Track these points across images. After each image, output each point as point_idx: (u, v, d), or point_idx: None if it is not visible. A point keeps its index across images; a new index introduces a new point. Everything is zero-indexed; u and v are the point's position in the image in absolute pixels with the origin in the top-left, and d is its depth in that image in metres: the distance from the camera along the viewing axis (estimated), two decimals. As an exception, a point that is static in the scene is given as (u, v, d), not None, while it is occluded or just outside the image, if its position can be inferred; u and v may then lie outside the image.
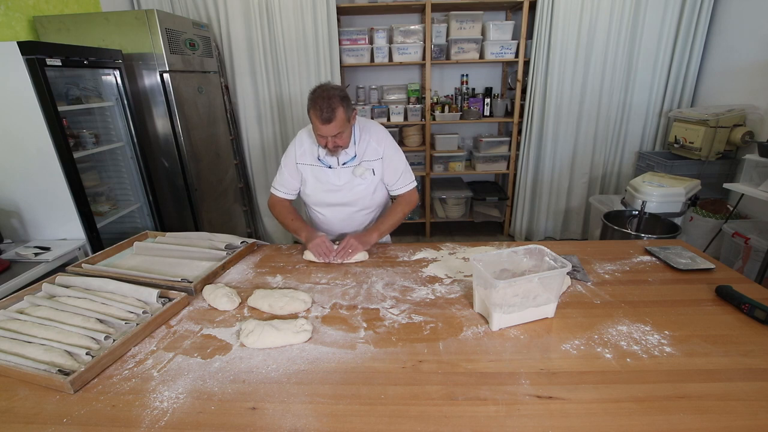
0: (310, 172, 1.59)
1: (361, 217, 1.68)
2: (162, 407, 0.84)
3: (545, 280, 1.04)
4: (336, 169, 1.56)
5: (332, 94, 1.34)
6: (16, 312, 1.13)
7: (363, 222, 1.71)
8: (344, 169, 1.56)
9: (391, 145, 1.60)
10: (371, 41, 3.28)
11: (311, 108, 1.37)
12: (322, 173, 1.58)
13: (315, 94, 1.36)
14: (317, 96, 1.35)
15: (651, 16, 3.04)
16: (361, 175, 1.56)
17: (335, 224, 1.69)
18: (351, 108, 1.42)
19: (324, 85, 1.39)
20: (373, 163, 1.57)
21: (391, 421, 0.80)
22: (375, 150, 1.57)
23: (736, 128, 2.63)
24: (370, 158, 1.57)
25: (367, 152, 1.56)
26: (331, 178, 1.57)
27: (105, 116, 2.34)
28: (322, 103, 1.33)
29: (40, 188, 1.92)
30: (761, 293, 1.17)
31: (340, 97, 1.36)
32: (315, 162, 1.57)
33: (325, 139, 1.41)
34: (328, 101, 1.33)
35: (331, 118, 1.34)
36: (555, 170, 3.47)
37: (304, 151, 1.59)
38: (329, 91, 1.35)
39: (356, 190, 1.59)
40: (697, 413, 0.79)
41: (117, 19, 2.28)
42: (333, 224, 1.69)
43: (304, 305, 1.18)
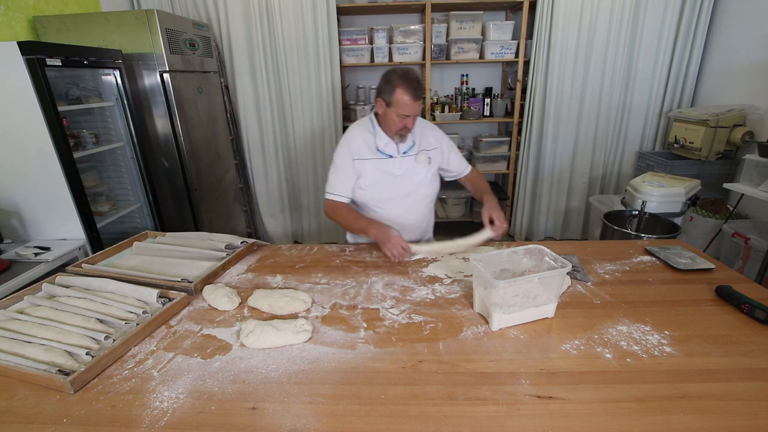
0: (369, 165, 1.56)
1: (420, 208, 1.68)
2: (162, 407, 0.84)
3: (545, 280, 1.04)
4: (396, 158, 1.57)
5: (417, 74, 1.40)
6: (16, 312, 1.13)
7: (421, 214, 1.70)
8: (405, 157, 1.58)
9: (444, 135, 1.67)
10: (371, 41, 3.28)
11: (400, 85, 1.38)
12: (382, 164, 1.56)
13: (401, 74, 1.39)
14: (403, 75, 1.38)
15: (651, 16, 3.04)
16: (423, 162, 1.59)
17: (394, 218, 1.63)
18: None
19: (403, 67, 1.43)
20: (431, 152, 1.61)
21: (391, 421, 0.80)
22: (429, 140, 1.62)
23: (736, 128, 2.63)
24: (428, 147, 1.61)
25: (423, 141, 1.60)
26: (391, 168, 1.57)
27: (105, 116, 2.34)
28: (412, 81, 1.37)
29: (40, 188, 1.92)
30: (761, 293, 1.17)
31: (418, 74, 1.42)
32: (374, 154, 1.56)
33: (408, 119, 1.44)
34: (417, 80, 1.38)
35: (421, 95, 1.40)
36: (555, 170, 3.47)
37: (359, 146, 1.57)
38: (414, 71, 1.40)
39: (417, 178, 1.60)
40: (697, 413, 0.79)
41: (117, 19, 2.28)
42: (391, 219, 1.62)
43: (304, 305, 1.18)
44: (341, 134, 3.37)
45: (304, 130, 3.39)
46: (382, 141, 1.55)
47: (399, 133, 1.51)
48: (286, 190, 3.61)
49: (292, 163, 3.52)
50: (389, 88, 1.41)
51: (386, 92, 1.43)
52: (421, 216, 1.72)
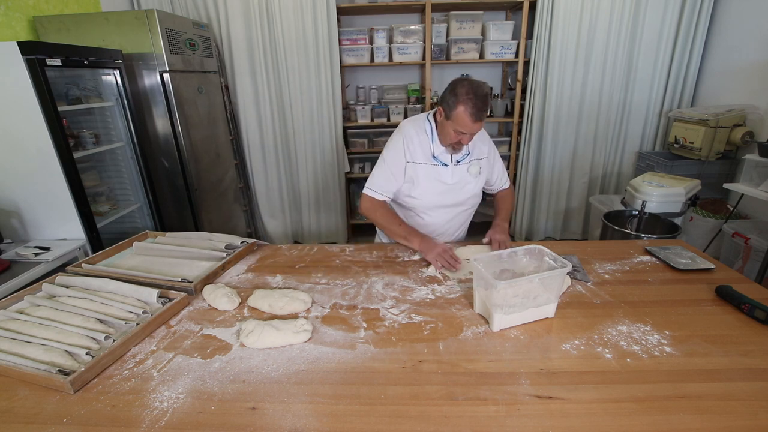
0: (422, 171, 1.50)
1: (464, 217, 1.67)
2: (162, 407, 0.84)
3: (545, 280, 1.04)
4: (449, 167, 1.50)
5: (486, 91, 1.29)
6: (16, 312, 1.13)
7: (463, 222, 1.69)
8: (458, 166, 1.52)
9: (493, 144, 1.61)
10: (371, 41, 3.28)
11: (464, 102, 1.28)
12: (435, 172, 1.50)
13: (466, 89, 1.28)
14: (470, 91, 1.28)
15: (651, 16, 3.04)
16: (476, 173, 1.53)
17: (439, 226, 1.62)
18: None
19: (474, 81, 1.31)
20: (482, 162, 1.56)
21: (391, 421, 0.79)
22: (480, 149, 1.56)
23: (736, 128, 2.63)
24: (479, 156, 1.55)
25: (476, 151, 1.55)
26: (444, 177, 1.51)
27: (105, 116, 2.34)
28: (478, 102, 1.27)
29: (40, 188, 1.92)
30: (761, 293, 1.17)
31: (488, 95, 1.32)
32: (429, 160, 1.49)
33: (464, 136, 1.36)
34: (484, 99, 1.28)
35: (483, 117, 1.29)
36: (555, 170, 3.47)
37: (415, 148, 1.49)
38: (483, 88, 1.29)
39: (467, 188, 1.55)
40: (697, 413, 0.79)
41: (117, 19, 2.28)
42: (436, 227, 1.62)
43: (304, 305, 1.18)
44: (341, 134, 3.39)
45: (304, 130, 3.39)
46: (438, 148, 1.48)
47: (453, 146, 1.44)
48: (286, 190, 3.61)
49: (292, 163, 3.52)
50: (453, 101, 1.31)
51: (448, 104, 1.33)
52: (463, 224, 1.71)
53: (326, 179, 3.52)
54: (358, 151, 3.57)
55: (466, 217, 1.70)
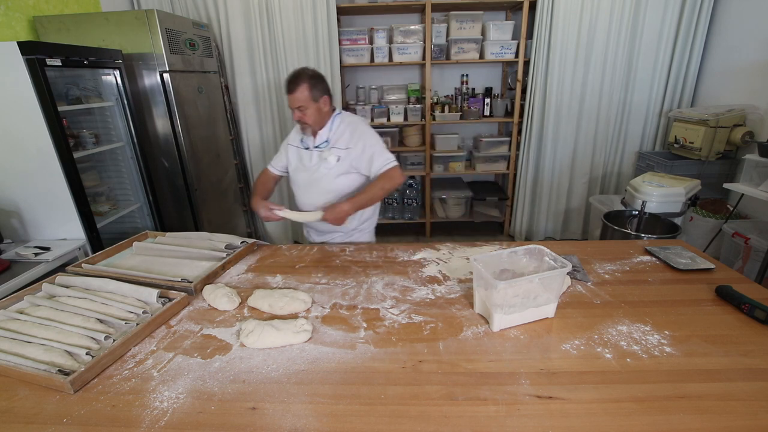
0: (295, 152, 1.77)
1: (323, 199, 1.70)
2: (162, 407, 0.84)
3: (545, 280, 1.04)
4: (310, 151, 1.71)
5: (303, 72, 1.57)
6: (16, 312, 1.13)
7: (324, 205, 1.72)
8: (316, 151, 1.70)
9: (367, 135, 1.67)
10: (371, 41, 3.28)
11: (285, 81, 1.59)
12: (300, 153, 1.75)
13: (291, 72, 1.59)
14: (291, 73, 1.58)
15: (651, 16, 3.04)
16: (326, 158, 1.66)
17: (305, 204, 1.79)
18: (320, 90, 1.58)
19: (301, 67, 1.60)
20: (341, 152, 1.66)
21: (391, 421, 0.80)
22: (346, 140, 1.67)
23: (736, 128, 2.63)
24: (340, 146, 1.67)
25: (339, 140, 1.67)
26: (304, 159, 1.73)
27: (105, 116, 2.34)
28: (290, 76, 1.57)
29: (40, 188, 1.92)
30: (761, 293, 1.17)
31: (308, 75, 1.56)
32: (299, 144, 1.76)
33: (294, 112, 1.59)
34: (296, 77, 1.55)
35: (293, 89, 1.54)
36: (555, 170, 3.47)
37: (294, 133, 1.80)
38: (301, 70, 1.58)
39: (320, 171, 1.68)
40: (697, 413, 0.79)
41: (117, 19, 2.28)
42: (303, 203, 1.81)
43: (304, 305, 1.18)
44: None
45: (304, 130, 3.38)
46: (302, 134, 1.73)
47: (300, 125, 1.66)
48: (286, 191, 3.61)
49: (292, 163, 3.51)
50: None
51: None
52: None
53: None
54: (358, 151, 3.56)
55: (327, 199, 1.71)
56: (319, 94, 1.58)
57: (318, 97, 1.58)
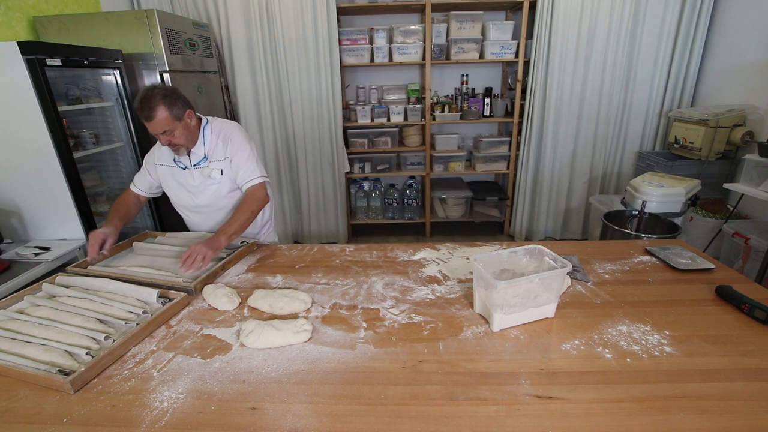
0: (168, 173, 1.62)
1: (220, 217, 1.68)
2: (162, 407, 0.84)
3: (545, 280, 1.04)
4: (189, 170, 1.59)
5: (152, 93, 1.38)
6: (16, 312, 1.13)
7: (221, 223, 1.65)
8: (196, 169, 1.59)
9: (238, 143, 1.59)
10: (371, 41, 3.28)
11: (136, 109, 1.40)
12: (179, 174, 1.61)
13: (138, 95, 1.40)
14: (139, 97, 1.39)
15: (651, 16, 3.04)
16: (209, 175, 1.58)
17: (200, 225, 1.73)
18: (180, 106, 1.43)
19: (147, 87, 1.42)
20: (221, 164, 1.59)
21: (391, 421, 0.80)
22: (222, 150, 1.58)
23: (736, 128, 2.63)
24: (218, 158, 1.58)
25: (215, 153, 1.58)
26: (186, 179, 1.60)
27: (105, 116, 2.34)
28: (140, 104, 1.38)
29: (40, 188, 1.92)
30: (761, 293, 1.17)
31: (161, 95, 1.38)
32: (172, 163, 1.60)
33: (160, 137, 1.44)
34: (147, 101, 1.37)
35: (150, 116, 1.37)
36: (555, 170, 3.47)
37: (162, 152, 1.62)
38: (149, 91, 1.39)
39: (209, 190, 1.60)
40: (697, 413, 0.79)
41: (117, 19, 2.28)
42: (198, 225, 1.73)
43: (304, 305, 1.18)
44: (341, 134, 3.39)
45: (304, 130, 3.39)
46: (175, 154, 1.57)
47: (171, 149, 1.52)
48: (286, 190, 3.62)
49: (292, 163, 3.52)
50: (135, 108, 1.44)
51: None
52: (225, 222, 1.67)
53: (326, 179, 3.52)
54: (358, 151, 3.57)
55: (224, 218, 1.68)
56: (181, 111, 1.43)
57: (181, 115, 1.43)
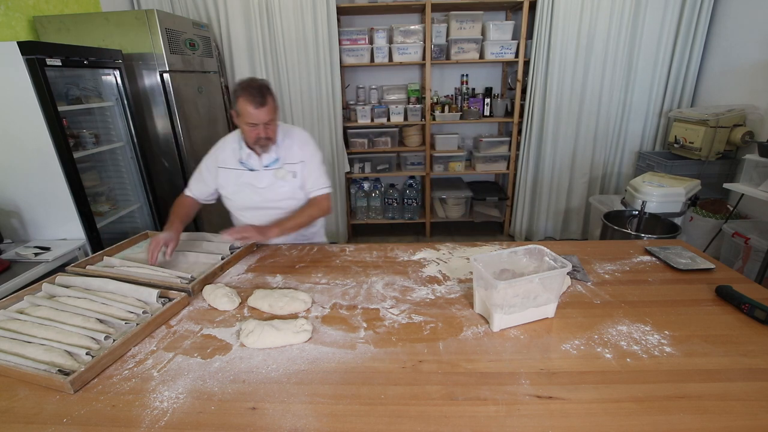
0: (232, 175, 1.60)
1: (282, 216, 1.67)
2: (162, 407, 0.84)
3: (546, 280, 1.04)
4: (258, 172, 1.57)
5: (263, 83, 1.40)
6: (16, 312, 1.13)
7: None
8: (267, 171, 1.57)
9: (312, 149, 1.62)
10: (371, 41, 3.28)
11: (241, 95, 1.38)
12: (244, 176, 1.59)
13: (244, 84, 1.40)
14: (247, 84, 1.39)
15: (651, 16, 3.04)
16: (283, 177, 1.57)
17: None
18: (277, 104, 1.46)
19: (250, 77, 1.43)
20: (295, 166, 1.59)
21: (391, 421, 0.80)
22: (296, 153, 1.59)
23: (736, 128, 2.63)
24: (292, 161, 1.58)
25: (288, 155, 1.58)
26: (253, 181, 1.58)
27: (105, 116, 2.33)
28: (253, 90, 1.37)
29: (40, 188, 1.92)
30: (761, 293, 1.17)
31: (269, 87, 1.42)
32: (237, 166, 1.59)
33: (258, 128, 1.43)
34: (261, 88, 1.39)
35: (264, 102, 1.38)
36: (555, 170, 3.47)
37: (227, 155, 1.60)
38: (259, 80, 1.41)
39: (279, 192, 1.60)
40: (697, 413, 0.79)
41: (117, 19, 2.28)
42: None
43: (304, 305, 1.18)
44: (341, 134, 3.39)
45: (304, 130, 3.38)
46: (244, 153, 1.56)
47: (258, 143, 1.49)
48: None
49: (292, 163, 3.51)
50: (235, 98, 1.41)
51: (235, 102, 1.43)
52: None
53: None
54: (358, 151, 3.57)
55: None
56: (277, 106, 1.46)
57: (277, 108, 1.46)
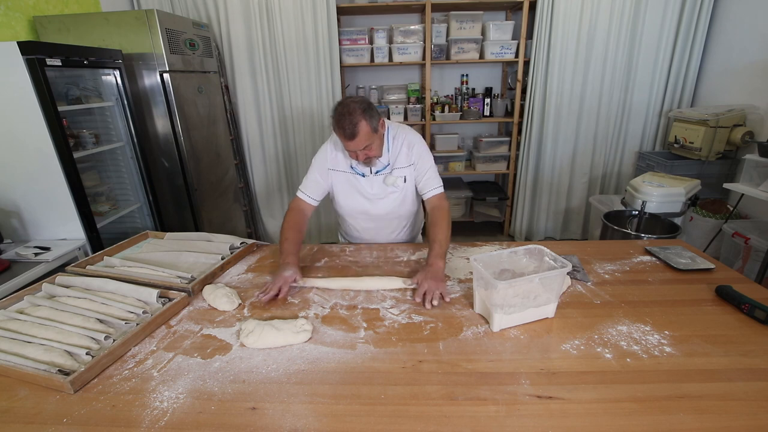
0: (342, 179, 1.55)
1: (392, 225, 1.66)
2: (162, 407, 0.84)
3: (545, 280, 1.04)
4: (368, 177, 1.53)
5: (353, 108, 1.31)
6: (16, 312, 1.13)
7: (394, 230, 1.68)
8: (377, 177, 1.53)
9: (421, 148, 1.55)
10: (371, 41, 3.28)
11: (335, 126, 1.34)
12: (355, 181, 1.54)
13: (337, 112, 1.33)
14: (339, 113, 1.32)
15: (651, 16, 3.04)
16: (393, 183, 1.53)
17: (369, 233, 1.67)
18: (376, 117, 1.37)
19: (344, 100, 1.35)
20: (405, 170, 1.54)
21: (391, 421, 0.79)
22: (406, 156, 1.53)
23: (736, 128, 2.63)
24: (402, 165, 1.53)
25: (398, 159, 1.53)
26: (363, 187, 1.54)
27: (105, 116, 2.33)
28: (343, 121, 1.31)
29: (40, 188, 1.92)
30: (761, 293, 1.17)
31: (361, 110, 1.32)
32: (348, 169, 1.53)
33: (355, 153, 1.39)
34: (350, 117, 1.30)
35: (354, 134, 1.31)
36: (555, 170, 3.47)
37: (337, 157, 1.54)
38: (349, 106, 1.32)
39: (388, 198, 1.56)
40: (697, 413, 0.79)
41: (117, 19, 2.28)
42: (367, 233, 1.67)
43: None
44: (341, 134, 3.39)
45: (304, 130, 3.39)
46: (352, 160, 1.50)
47: (362, 163, 1.46)
48: (286, 191, 3.61)
49: (292, 163, 3.52)
50: (333, 124, 1.36)
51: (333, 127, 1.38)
52: (398, 229, 1.68)
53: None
54: (358, 151, 3.56)
55: (396, 225, 1.67)
56: (376, 122, 1.37)
57: (377, 126, 1.37)
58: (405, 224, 1.69)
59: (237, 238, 1.62)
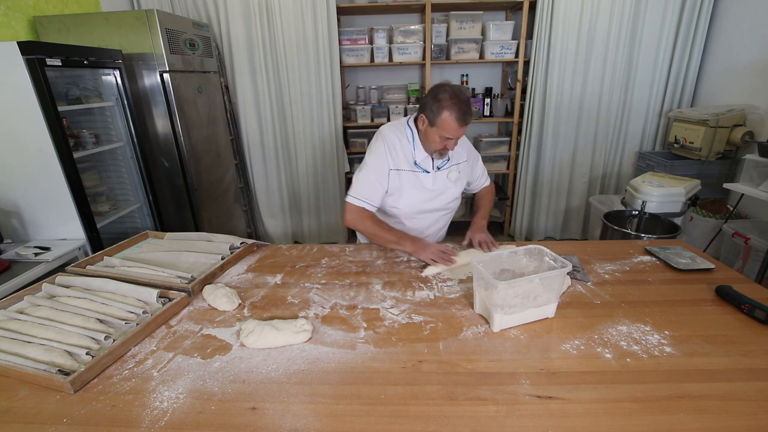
0: (406, 177, 1.49)
1: (444, 219, 1.69)
2: (162, 407, 0.84)
3: (546, 280, 1.04)
4: (432, 173, 1.51)
5: (468, 95, 1.33)
6: (16, 312, 1.12)
7: (444, 225, 1.72)
8: (439, 173, 1.53)
9: (470, 144, 1.63)
10: (371, 41, 3.28)
11: (448, 108, 1.27)
12: (418, 179, 1.50)
13: (449, 94, 1.28)
14: (454, 95, 1.27)
15: (651, 16, 3.04)
16: (455, 178, 1.55)
17: (421, 231, 1.64)
18: None
19: (455, 86, 1.30)
20: (461, 165, 1.57)
21: (391, 421, 0.79)
22: (459, 152, 1.56)
23: (736, 128, 2.63)
24: (458, 160, 1.56)
25: (456, 154, 1.55)
26: (426, 183, 1.51)
27: (105, 116, 2.33)
28: (462, 106, 1.26)
29: (40, 188, 1.92)
30: (761, 293, 1.17)
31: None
32: (412, 167, 1.49)
33: (451, 142, 1.36)
34: (467, 103, 1.27)
35: (468, 120, 1.29)
36: (555, 170, 3.47)
37: (398, 155, 1.47)
38: (465, 93, 1.28)
39: (448, 192, 1.56)
40: (697, 413, 0.79)
41: (117, 19, 2.28)
42: (417, 231, 1.62)
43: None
44: (341, 134, 3.39)
45: (304, 130, 3.39)
46: (420, 155, 1.47)
47: (439, 152, 1.44)
48: (286, 190, 3.61)
49: (292, 163, 3.52)
50: (436, 107, 1.30)
51: (432, 110, 1.32)
52: (444, 227, 1.74)
53: (326, 179, 3.52)
54: (358, 151, 3.57)
55: (447, 219, 1.72)
56: None
57: None
58: (449, 219, 1.73)
59: (237, 238, 1.62)
